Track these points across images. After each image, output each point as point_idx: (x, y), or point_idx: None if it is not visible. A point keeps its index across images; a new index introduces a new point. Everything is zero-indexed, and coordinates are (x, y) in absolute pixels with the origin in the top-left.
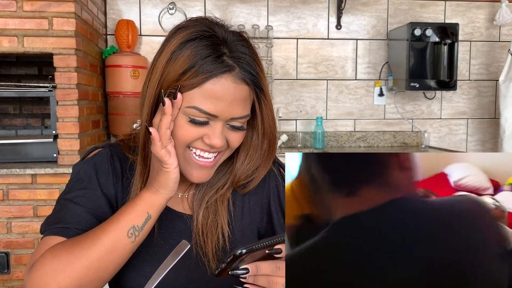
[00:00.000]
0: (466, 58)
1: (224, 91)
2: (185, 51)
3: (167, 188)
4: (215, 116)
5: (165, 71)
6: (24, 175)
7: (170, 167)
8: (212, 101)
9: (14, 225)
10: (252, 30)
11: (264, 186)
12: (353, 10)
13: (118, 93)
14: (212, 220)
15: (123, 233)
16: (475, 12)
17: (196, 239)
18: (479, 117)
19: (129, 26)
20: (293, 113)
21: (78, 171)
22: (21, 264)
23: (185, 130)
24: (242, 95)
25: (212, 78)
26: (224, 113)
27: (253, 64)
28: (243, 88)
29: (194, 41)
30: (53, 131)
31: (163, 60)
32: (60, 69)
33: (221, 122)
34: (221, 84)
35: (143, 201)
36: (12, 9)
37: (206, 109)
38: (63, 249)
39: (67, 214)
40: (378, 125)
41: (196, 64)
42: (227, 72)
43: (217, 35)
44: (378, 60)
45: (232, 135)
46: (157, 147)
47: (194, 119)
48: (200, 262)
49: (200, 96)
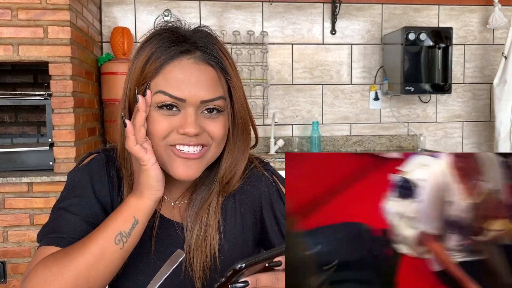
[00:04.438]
0: (460, 61)
1: (185, 73)
2: (148, 45)
3: (150, 189)
4: (181, 100)
5: (131, 70)
6: (20, 183)
7: (148, 163)
8: (175, 84)
9: (10, 234)
10: (247, 36)
11: (256, 194)
12: (347, 15)
13: (114, 100)
14: (202, 238)
15: (110, 240)
16: (468, 16)
17: (186, 252)
18: (474, 120)
19: (124, 33)
20: (289, 118)
21: (73, 179)
22: (17, 273)
23: (158, 123)
24: (208, 76)
25: (172, 61)
26: (191, 96)
27: (214, 47)
28: (207, 69)
29: (155, 37)
30: (49, 139)
31: (130, 64)
32: (56, 77)
33: (192, 107)
34: (181, 67)
35: (128, 206)
36: (7, 18)
37: (171, 93)
38: (53, 260)
39: (62, 223)
40: (374, 129)
41: (156, 51)
42: (186, 54)
43: (174, 29)
44: (373, 65)
45: (210, 125)
46: (130, 141)
47: (162, 104)
48: (188, 279)
49: (164, 81)
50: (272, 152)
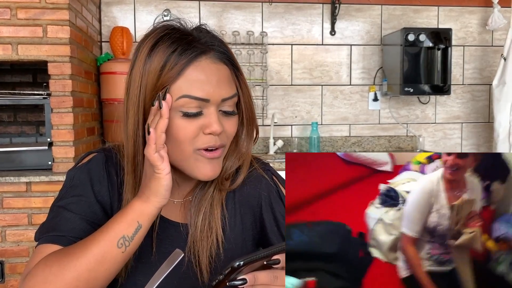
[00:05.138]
0: (459, 62)
1: (207, 73)
2: (158, 49)
3: (158, 196)
4: (206, 100)
5: (144, 74)
6: (18, 183)
7: (162, 173)
8: (199, 86)
9: (8, 233)
10: (247, 36)
11: (255, 194)
12: (347, 16)
13: (113, 100)
14: (208, 226)
15: (113, 243)
16: (468, 17)
17: (190, 247)
18: (473, 121)
19: (123, 33)
20: (289, 119)
21: (72, 178)
22: (15, 273)
23: (184, 129)
24: (225, 74)
25: (192, 63)
26: (215, 95)
27: (222, 45)
28: (223, 68)
29: (163, 39)
30: (48, 138)
31: (139, 67)
32: (55, 77)
33: (214, 107)
34: (202, 67)
35: (133, 210)
36: (6, 17)
37: (196, 95)
38: (54, 259)
39: (61, 222)
40: (373, 130)
41: (172, 55)
42: (203, 55)
43: (182, 30)
44: (372, 65)
45: (226, 123)
46: (151, 149)
47: (187, 112)
48: (191, 272)
49: (186, 84)
50: (271, 152)
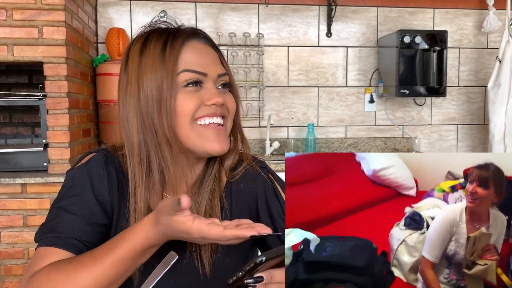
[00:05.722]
0: (455, 64)
1: (201, 52)
2: (150, 44)
3: (174, 238)
4: (204, 74)
5: (141, 68)
6: (13, 184)
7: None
8: (195, 62)
9: (3, 235)
10: (243, 38)
11: (252, 192)
12: (343, 18)
13: (109, 101)
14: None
15: (124, 270)
16: (463, 20)
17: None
18: (469, 123)
19: (120, 34)
20: (285, 120)
21: (72, 178)
22: (11, 275)
23: (187, 100)
24: (215, 56)
25: (185, 44)
26: (211, 70)
27: (206, 34)
28: (212, 51)
29: (152, 35)
30: (44, 140)
31: (135, 65)
32: (51, 78)
33: (212, 81)
34: (195, 47)
35: (149, 244)
36: (2, 18)
37: (195, 68)
38: (59, 271)
39: (61, 223)
40: (369, 132)
41: (167, 42)
42: (192, 38)
43: (165, 25)
44: (368, 67)
45: (225, 97)
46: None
47: (188, 81)
48: (193, 266)
49: (185, 62)
50: (267, 153)
